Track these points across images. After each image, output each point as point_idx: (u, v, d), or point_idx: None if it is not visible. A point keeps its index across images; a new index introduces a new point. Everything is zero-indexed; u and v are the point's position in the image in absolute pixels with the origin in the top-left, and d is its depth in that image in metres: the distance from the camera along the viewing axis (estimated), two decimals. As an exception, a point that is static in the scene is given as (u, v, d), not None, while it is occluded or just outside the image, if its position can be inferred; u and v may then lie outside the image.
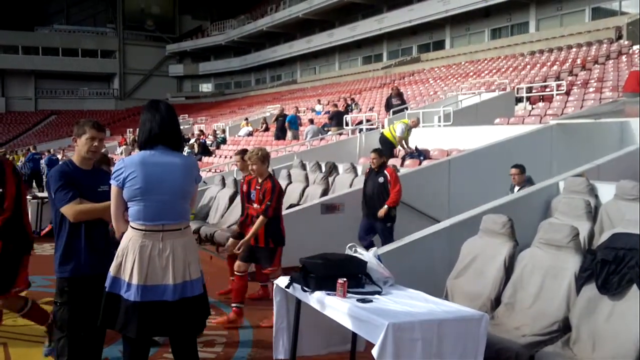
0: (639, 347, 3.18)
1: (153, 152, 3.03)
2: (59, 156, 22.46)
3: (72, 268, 3.38)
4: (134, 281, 2.94)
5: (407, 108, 15.64)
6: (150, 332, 3.03)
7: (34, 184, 20.03)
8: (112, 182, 3.03)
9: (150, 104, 3.15)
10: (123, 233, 3.06)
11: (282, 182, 10.09)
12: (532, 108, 14.52)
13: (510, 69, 21.39)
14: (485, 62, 25.32)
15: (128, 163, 2.99)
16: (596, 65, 17.29)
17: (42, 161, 20.80)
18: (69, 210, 3.32)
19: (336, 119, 16.89)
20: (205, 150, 20.47)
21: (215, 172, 14.80)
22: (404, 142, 11.49)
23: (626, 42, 19.81)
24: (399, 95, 16.38)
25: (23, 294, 4.25)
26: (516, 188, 7.30)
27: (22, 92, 51.38)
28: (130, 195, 2.98)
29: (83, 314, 3.29)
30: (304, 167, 10.52)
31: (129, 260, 2.97)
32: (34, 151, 22.70)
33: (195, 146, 20.80)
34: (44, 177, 20.26)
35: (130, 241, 2.99)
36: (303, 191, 9.58)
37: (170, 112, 3.12)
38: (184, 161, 3.09)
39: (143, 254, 2.96)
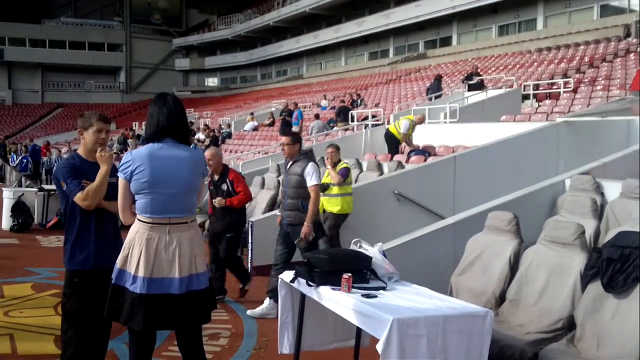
0: (644, 345, 3.18)
1: (161, 145, 3.03)
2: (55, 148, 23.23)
3: (82, 260, 3.39)
4: (140, 274, 2.95)
5: (484, 86, 17.11)
6: (155, 325, 3.03)
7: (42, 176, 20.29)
8: (119, 174, 3.03)
9: (158, 97, 3.15)
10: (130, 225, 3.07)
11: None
12: (539, 105, 14.44)
13: (517, 65, 21.28)
14: (492, 58, 25.20)
15: (136, 156, 2.99)
16: (604, 63, 17.17)
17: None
18: (79, 198, 3.35)
19: (342, 114, 16.88)
20: (212, 145, 20.39)
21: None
22: (408, 138, 11.48)
23: (634, 40, 19.65)
24: (477, 74, 17.92)
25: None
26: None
27: (28, 85, 51.47)
28: (137, 188, 2.98)
29: (92, 305, 3.31)
30: (309, 162, 10.50)
31: (135, 252, 2.98)
32: (32, 144, 23.32)
33: (207, 140, 20.69)
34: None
35: (137, 234, 3.00)
36: (308, 186, 9.57)
37: (177, 105, 3.11)
38: (191, 155, 3.10)
39: (149, 247, 2.97)
